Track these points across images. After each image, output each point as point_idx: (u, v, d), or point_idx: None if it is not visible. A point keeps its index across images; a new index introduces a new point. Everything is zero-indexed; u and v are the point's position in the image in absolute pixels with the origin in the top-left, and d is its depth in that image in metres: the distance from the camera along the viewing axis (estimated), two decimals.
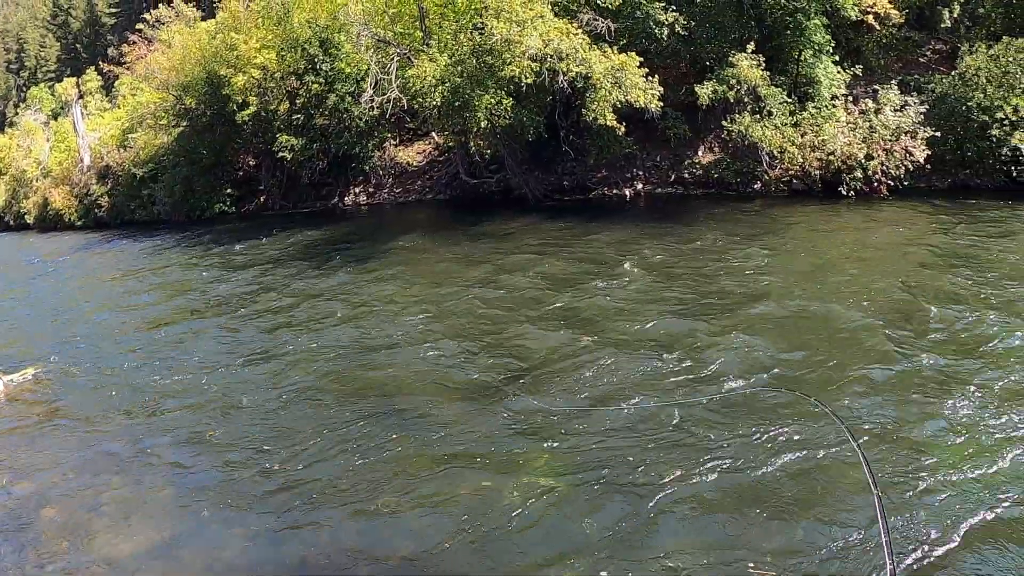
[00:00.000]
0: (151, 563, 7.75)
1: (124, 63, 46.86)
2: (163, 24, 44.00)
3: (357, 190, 32.16)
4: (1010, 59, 26.72)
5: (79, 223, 48.79)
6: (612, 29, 23.59)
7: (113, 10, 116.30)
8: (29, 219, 58.33)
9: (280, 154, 31.16)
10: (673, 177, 23.82)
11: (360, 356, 12.52)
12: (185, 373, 12.93)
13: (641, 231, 19.90)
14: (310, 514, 8.10)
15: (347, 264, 20.30)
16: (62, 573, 7.80)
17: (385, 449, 9.17)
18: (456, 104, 23.75)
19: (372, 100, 25.75)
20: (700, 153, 23.99)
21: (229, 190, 37.41)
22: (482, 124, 23.44)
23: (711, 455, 8.30)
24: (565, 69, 22.15)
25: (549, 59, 22.26)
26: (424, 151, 31.47)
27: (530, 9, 23.22)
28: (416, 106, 25.59)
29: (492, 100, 23.24)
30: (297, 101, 31.53)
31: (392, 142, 32.25)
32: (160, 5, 46.78)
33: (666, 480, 7.90)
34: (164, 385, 12.51)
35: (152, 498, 9.00)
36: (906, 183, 23.99)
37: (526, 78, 22.17)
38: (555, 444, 8.89)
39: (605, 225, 21.03)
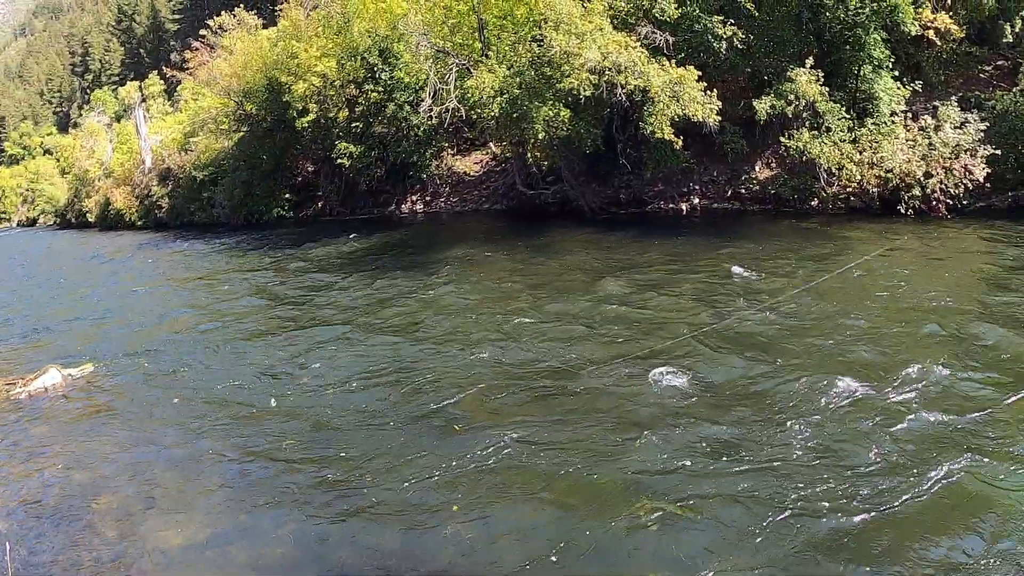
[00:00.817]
0: (199, 557, 7.97)
1: (186, 68, 48.22)
2: (225, 31, 45.17)
3: (414, 198, 32.65)
4: None
5: (139, 223, 50.23)
6: (670, 42, 23.70)
7: (176, 16, 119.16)
8: (90, 217, 60.23)
9: (339, 161, 31.83)
10: (730, 192, 23.78)
11: (422, 369, 12.54)
12: (245, 378, 13.11)
13: (701, 248, 19.79)
14: (361, 523, 8.18)
15: (407, 273, 20.59)
16: (112, 560, 8.01)
17: (444, 464, 9.17)
18: (514, 115, 24.07)
19: (431, 109, 26.22)
20: (757, 168, 23.94)
21: (287, 195, 38.29)
22: (540, 135, 23.70)
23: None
24: (623, 82, 22.30)
25: (607, 72, 22.45)
26: (481, 161, 31.83)
27: (589, 22, 23.45)
28: (474, 116, 25.96)
29: (550, 112, 23.51)
30: (356, 109, 32.13)
31: (449, 151, 32.70)
32: (223, 12, 47.94)
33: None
34: (223, 389, 12.69)
35: (204, 495, 9.19)
36: (965, 202, 23.66)
37: (584, 90, 22.38)
38: (626, 468, 8.80)
39: (666, 240, 21.01)
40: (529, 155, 25.85)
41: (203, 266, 26.90)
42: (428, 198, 32.10)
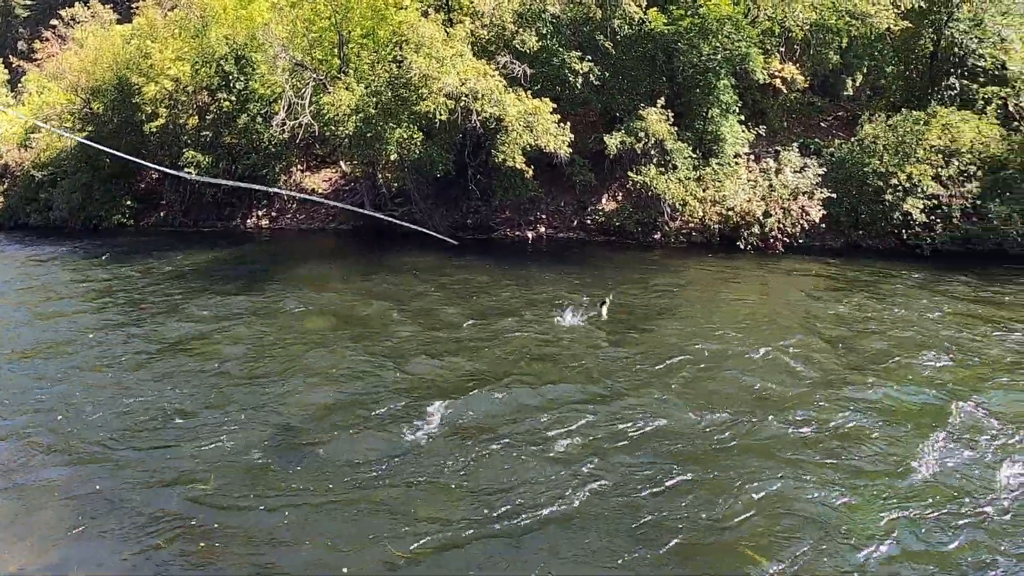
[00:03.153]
0: None
1: (34, 59, 45.52)
2: (78, 23, 42.87)
3: (260, 213, 31.30)
4: (907, 129, 28.04)
5: None
6: (528, 74, 23.82)
7: (28, 3, 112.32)
8: None
9: (185, 169, 30.35)
10: (575, 223, 23.99)
11: (252, 386, 12.45)
12: (83, 405, 12.44)
13: (544, 275, 20.02)
14: (203, 554, 8.11)
15: (244, 291, 19.83)
16: None
17: (283, 483, 9.31)
18: (368, 135, 23.65)
19: (284, 123, 25.42)
20: (604, 201, 24.27)
21: (129, 202, 36.16)
22: (392, 157, 23.35)
23: None
24: (479, 109, 22.25)
25: (464, 98, 22.35)
26: (331, 179, 30.83)
27: (450, 47, 23.32)
28: (327, 133, 25.35)
29: (404, 133, 23.19)
30: (207, 117, 30.85)
31: (299, 167, 31.65)
32: (76, 3, 45.54)
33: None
34: (59, 415, 12.06)
35: (40, 519, 8.99)
36: (801, 241, 24.89)
37: (440, 115, 22.21)
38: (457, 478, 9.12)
39: (509, 266, 20.99)
40: (380, 176, 25.39)
41: (33, 274, 25.08)
42: (274, 214, 30.85)
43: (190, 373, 13.56)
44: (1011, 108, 33.63)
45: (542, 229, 23.90)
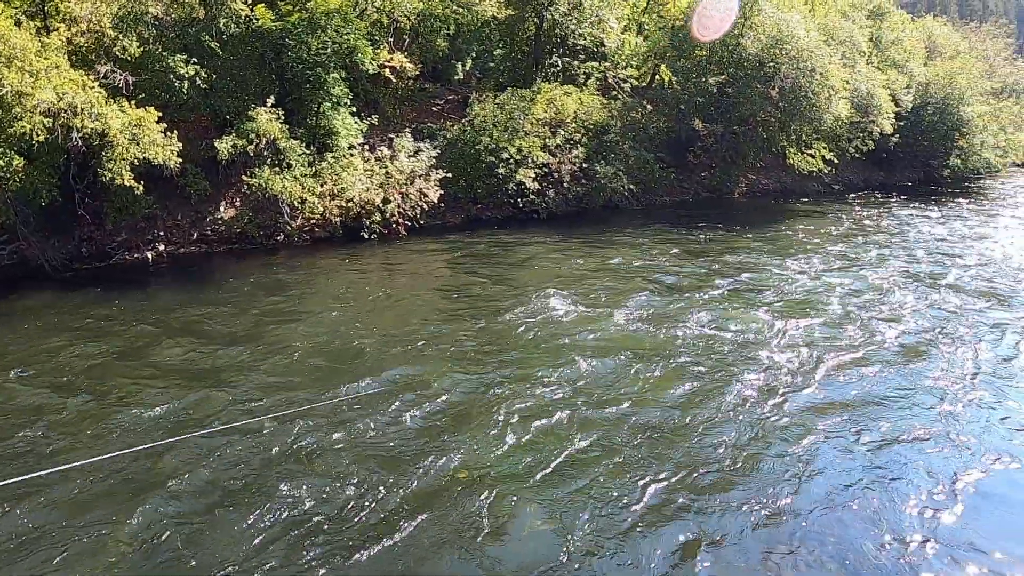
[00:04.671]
0: None
1: None
2: None
3: None
4: (514, 106, 31.15)
5: None
6: (130, 82, 23.38)
7: None
8: None
9: None
10: (196, 235, 23.68)
11: None
12: None
13: (171, 299, 19.67)
14: None
15: None
16: None
17: None
18: None
19: None
20: (222, 209, 24.33)
21: None
22: None
23: None
24: (80, 125, 21.59)
25: (63, 114, 21.57)
26: None
27: (45, 59, 22.33)
28: None
29: (1, 161, 21.97)
30: None
31: None
32: None
33: None
34: None
35: None
36: (423, 222, 26.95)
37: (38, 135, 21.29)
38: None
39: (132, 296, 20.06)
40: None
41: None
42: None
43: None
44: (610, 80, 38.42)
45: (162, 247, 23.36)
